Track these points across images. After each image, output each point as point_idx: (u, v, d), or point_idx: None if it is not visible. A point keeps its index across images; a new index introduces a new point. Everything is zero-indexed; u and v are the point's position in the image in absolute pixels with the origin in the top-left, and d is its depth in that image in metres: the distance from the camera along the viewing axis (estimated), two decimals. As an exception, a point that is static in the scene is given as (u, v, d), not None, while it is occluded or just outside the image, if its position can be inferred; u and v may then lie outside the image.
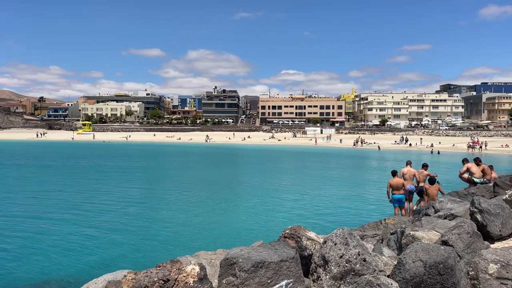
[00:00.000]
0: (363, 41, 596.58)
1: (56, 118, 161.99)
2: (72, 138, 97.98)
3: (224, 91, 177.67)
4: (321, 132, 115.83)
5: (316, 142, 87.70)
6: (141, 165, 41.92)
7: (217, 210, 19.39)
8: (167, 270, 4.42)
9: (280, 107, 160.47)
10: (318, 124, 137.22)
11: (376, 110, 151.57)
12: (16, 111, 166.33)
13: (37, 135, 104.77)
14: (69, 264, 11.63)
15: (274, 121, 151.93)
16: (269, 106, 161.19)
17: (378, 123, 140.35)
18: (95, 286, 5.22)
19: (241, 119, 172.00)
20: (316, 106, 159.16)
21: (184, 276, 4.37)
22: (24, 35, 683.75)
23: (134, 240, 14.13)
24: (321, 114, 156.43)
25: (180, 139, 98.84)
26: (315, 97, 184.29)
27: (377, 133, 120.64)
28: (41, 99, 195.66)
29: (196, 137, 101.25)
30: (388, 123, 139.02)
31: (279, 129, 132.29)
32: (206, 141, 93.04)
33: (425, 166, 14.13)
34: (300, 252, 5.38)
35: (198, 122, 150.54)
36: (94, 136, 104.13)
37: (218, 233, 14.97)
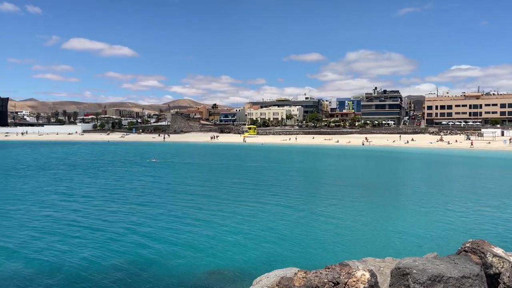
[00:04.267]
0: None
1: (226, 122, 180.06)
2: (244, 141, 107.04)
3: (385, 91, 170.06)
4: (502, 134, 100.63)
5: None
6: (308, 166, 43.20)
7: (384, 216, 18.64)
8: (337, 273, 4.41)
9: (449, 107, 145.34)
10: (499, 125, 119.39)
11: None
12: (194, 117, 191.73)
13: (211, 138, 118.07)
14: (242, 257, 12.72)
15: (443, 122, 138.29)
16: (436, 106, 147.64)
17: None
18: (267, 280, 5.54)
19: (404, 121, 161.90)
20: (495, 105, 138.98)
21: (354, 281, 4.30)
22: (201, 49, 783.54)
23: (300, 239, 14.64)
24: (502, 113, 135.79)
25: (338, 141, 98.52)
26: (494, 94, 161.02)
27: None
28: (214, 106, 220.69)
29: (354, 140, 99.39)
30: None
31: (448, 131, 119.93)
32: (363, 144, 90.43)
33: None
34: (485, 269, 4.77)
35: (356, 124, 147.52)
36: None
37: (386, 240, 14.39)
